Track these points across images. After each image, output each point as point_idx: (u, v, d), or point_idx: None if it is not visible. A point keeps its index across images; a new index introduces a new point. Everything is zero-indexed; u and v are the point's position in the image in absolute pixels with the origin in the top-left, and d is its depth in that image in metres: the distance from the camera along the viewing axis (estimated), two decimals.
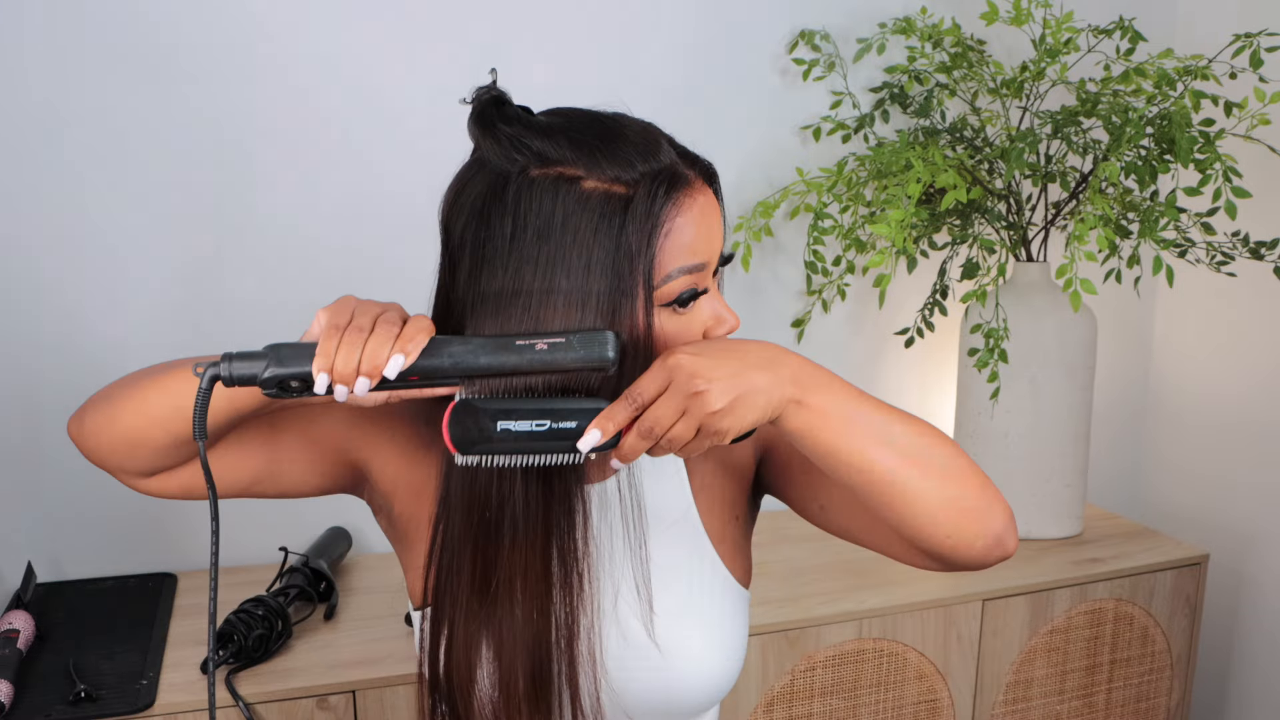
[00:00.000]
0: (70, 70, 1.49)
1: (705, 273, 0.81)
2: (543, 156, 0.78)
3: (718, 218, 0.83)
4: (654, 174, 0.78)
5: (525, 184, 0.77)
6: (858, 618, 1.52)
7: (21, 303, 1.53)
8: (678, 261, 0.79)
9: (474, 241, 0.79)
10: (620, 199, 0.77)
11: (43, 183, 1.51)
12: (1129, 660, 1.72)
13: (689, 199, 0.79)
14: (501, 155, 0.79)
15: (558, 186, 0.77)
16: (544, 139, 0.78)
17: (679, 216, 0.79)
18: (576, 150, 0.78)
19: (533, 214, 0.77)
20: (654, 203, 0.77)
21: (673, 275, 0.79)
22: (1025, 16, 1.68)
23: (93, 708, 1.23)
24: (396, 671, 1.32)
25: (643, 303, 0.78)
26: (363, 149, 1.62)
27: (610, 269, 0.76)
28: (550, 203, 0.77)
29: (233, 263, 1.60)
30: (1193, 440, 2.07)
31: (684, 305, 0.81)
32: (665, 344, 0.80)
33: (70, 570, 1.61)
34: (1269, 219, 1.75)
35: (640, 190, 0.77)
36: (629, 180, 0.77)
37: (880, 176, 1.63)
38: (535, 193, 0.77)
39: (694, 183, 0.80)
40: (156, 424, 0.83)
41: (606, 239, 0.76)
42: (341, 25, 1.58)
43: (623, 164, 0.78)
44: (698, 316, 0.82)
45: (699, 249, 0.80)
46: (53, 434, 1.57)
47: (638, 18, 1.72)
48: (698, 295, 0.81)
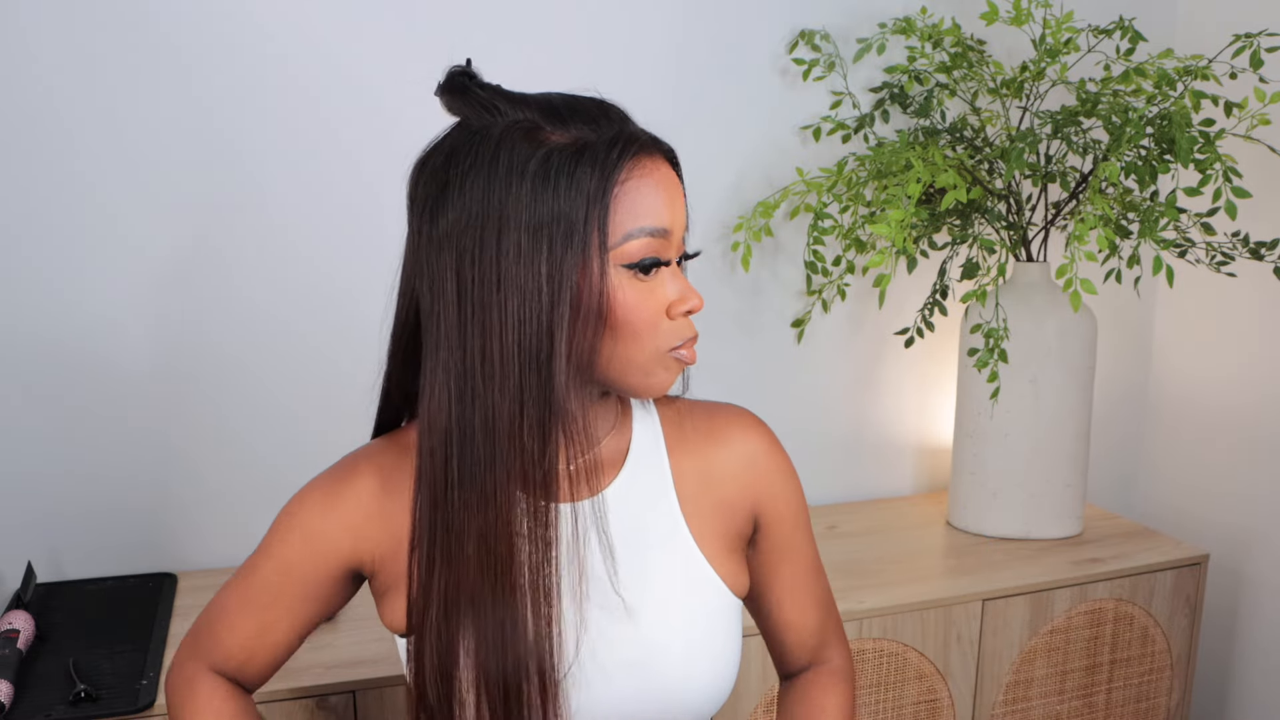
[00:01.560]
0: (71, 63, 1.49)
1: (667, 242, 0.83)
2: (510, 116, 0.81)
3: (680, 195, 0.85)
4: (616, 135, 0.81)
5: (487, 136, 0.80)
6: (858, 618, 1.52)
7: (21, 303, 1.53)
8: (638, 222, 0.81)
9: (436, 190, 0.81)
10: (580, 147, 0.80)
11: (42, 181, 1.51)
12: (1129, 660, 1.72)
13: (650, 163, 0.82)
14: (472, 115, 0.82)
15: (520, 137, 0.80)
16: (513, 103, 0.81)
17: (639, 177, 0.81)
18: (544, 113, 0.81)
19: (495, 160, 0.79)
20: (612, 155, 0.80)
21: (633, 234, 0.80)
22: (1025, 16, 1.68)
23: (93, 708, 1.23)
24: (396, 671, 1.32)
25: (596, 249, 0.79)
26: (361, 141, 1.62)
27: (564, 211, 0.78)
28: (509, 150, 0.79)
29: (233, 258, 1.60)
30: (1193, 440, 2.07)
31: (645, 272, 0.81)
32: (623, 307, 0.81)
33: (70, 570, 1.61)
34: (1269, 219, 1.75)
35: (601, 144, 0.80)
36: (591, 139, 0.80)
37: (880, 176, 1.63)
38: (500, 142, 0.80)
39: (655, 154, 0.83)
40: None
41: (564, 180, 0.78)
42: (342, 22, 1.58)
43: (588, 125, 0.81)
44: (661, 288, 0.83)
45: (660, 215, 0.82)
46: (52, 434, 1.57)
47: (637, 18, 1.72)
48: (660, 264, 0.82)
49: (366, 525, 0.91)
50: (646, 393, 0.87)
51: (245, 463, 1.65)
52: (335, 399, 1.64)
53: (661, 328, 0.84)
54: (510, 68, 1.67)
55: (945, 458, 2.04)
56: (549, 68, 1.66)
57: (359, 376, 1.64)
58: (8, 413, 1.55)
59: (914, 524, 1.87)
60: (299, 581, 0.92)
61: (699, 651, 0.91)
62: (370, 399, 1.64)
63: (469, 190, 0.79)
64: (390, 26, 1.61)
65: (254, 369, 1.63)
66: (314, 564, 0.91)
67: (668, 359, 0.85)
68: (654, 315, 0.83)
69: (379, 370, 0.94)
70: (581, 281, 0.79)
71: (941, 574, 1.66)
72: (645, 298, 0.82)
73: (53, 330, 1.55)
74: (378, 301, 1.64)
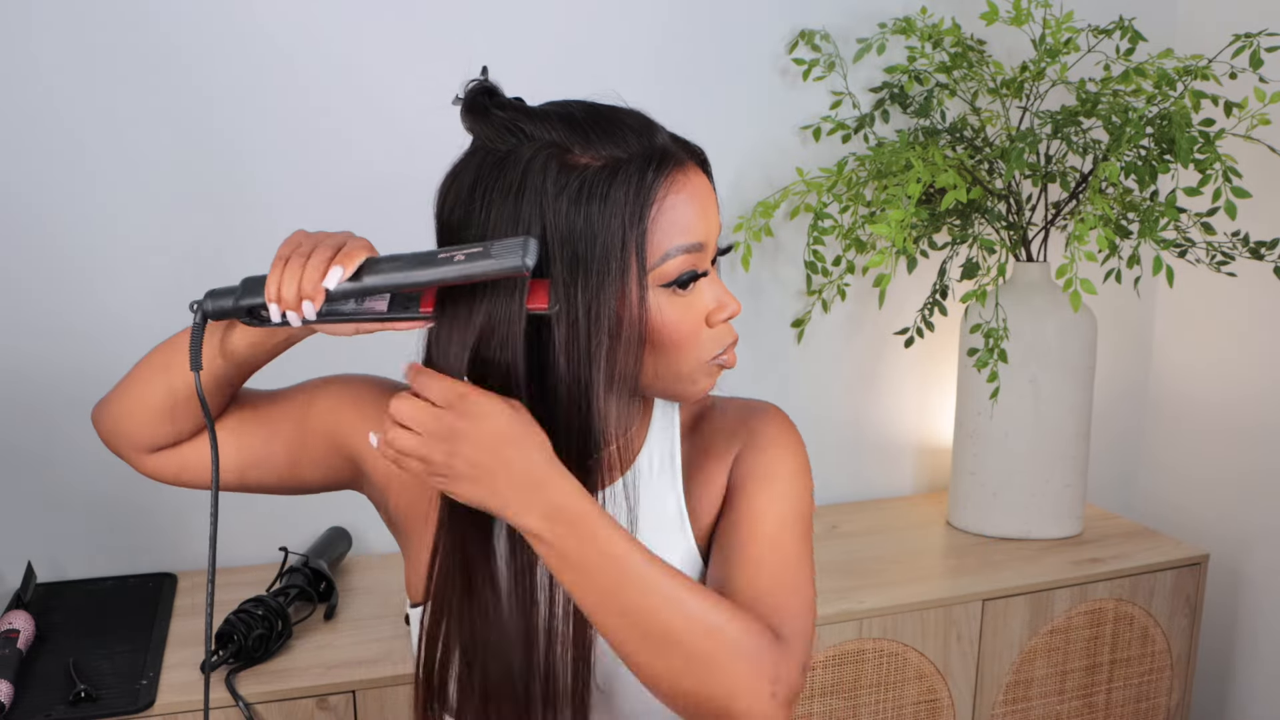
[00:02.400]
0: (71, 63, 1.49)
1: (704, 254, 0.81)
2: (535, 137, 0.78)
3: (713, 202, 0.83)
4: (647, 151, 0.79)
5: (516, 160, 0.78)
6: (858, 618, 1.52)
7: (20, 304, 1.53)
8: (675, 240, 0.79)
9: (462, 215, 0.79)
10: (613, 168, 0.77)
11: (41, 183, 1.51)
12: (1129, 660, 1.72)
13: (683, 177, 0.80)
14: (495, 137, 0.79)
15: (547, 161, 0.77)
16: (537, 121, 0.79)
17: (675, 194, 0.79)
18: (570, 130, 0.78)
19: (522, 188, 0.77)
20: (646, 176, 0.78)
21: (670, 254, 0.79)
22: (1025, 16, 1.68)
23: (93, 708, 1.23)
24: (396, 671, 1.32)
25: (635, 277, 0.77)
26: (363, 139, 1.62)
27: (599, 238, 0.76)
28: (539, 177, 0.77)
29: (233, 261, 1.60)
30: (1192, 440, 2.07)
31: (684, 287, 0.80)
32: (664, 327, 0.80)
33: (70, 570, 1.61)
34: (1269, 219, 1.75)
35: (634, 164, 0.78)
36: (622, 157, 0.78)
37: (880, 176, 1.63)
38: (527, 168, 0.77)
39: (687, 164, 0.81)
40: (152, 382, 0.87)
41: (597, 205, 0.76)
42: (344, 21, 1.58)
43: (617, 142, 0.78)
44: (699, 300, 0.82)
45: (696, 229, 0.80)
46: (53, 434, 1.57)
47: (637, 18, 1.72)
48: (698, 277, 0.81)
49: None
50: (690, 399, 0.87)
51: None
52: None
53: (703, 337, 0.83)
54: (509, 68, 1.67)
55: (945, 458, 2.04)
56: (548, 68, 1.66)
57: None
58: (8, 413, 1.55)
59: (914, 524, 1.87)
60: (320, 428, 0.90)
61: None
62: None
63: (495, 219, 0.77)
64: (392, 26, 1.61)
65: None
66: (335, 419, 0.90)
67: (710, 366, 0.85)
68: (694, 327, 0.82)
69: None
70: (621, 310, 0.78)
71: (941, 574, 1.66)
72: (685, 312, 0.81)
73: (53, 331, 1.55)
74: None
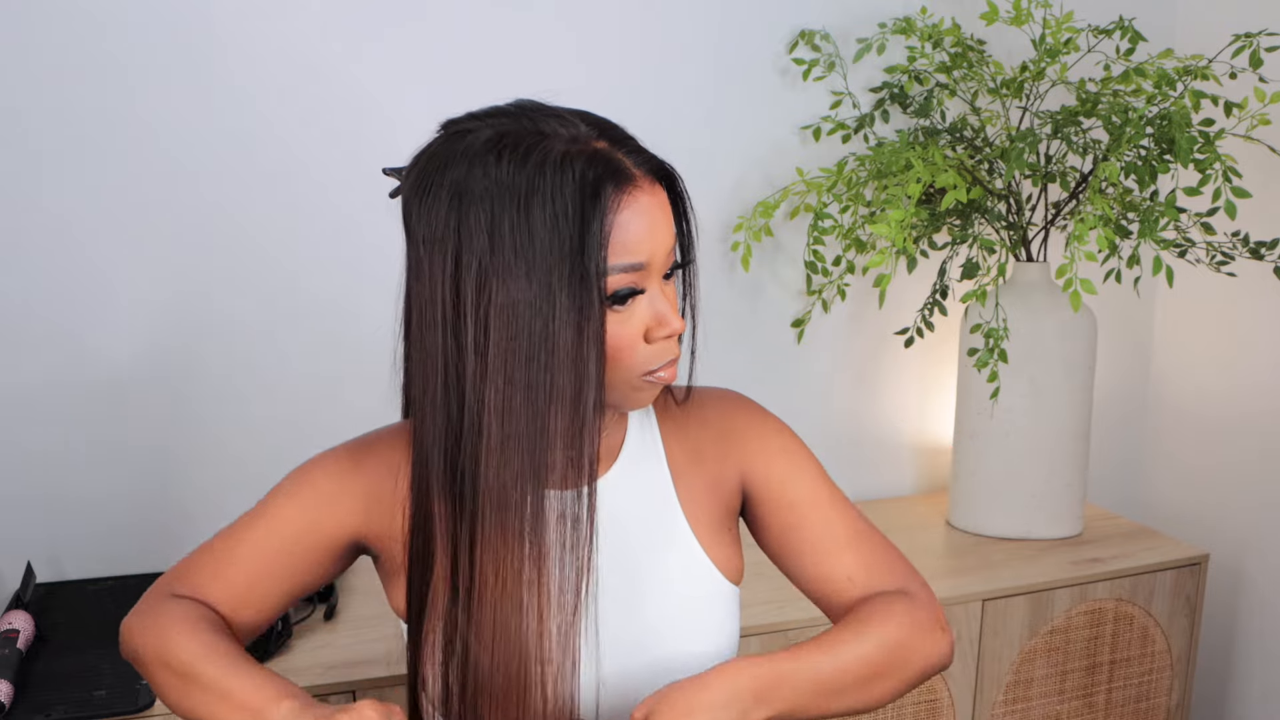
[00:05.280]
0: (44, 82, 1.49)
1: (646, 272, 0.81)
2: (491, 129, 0.80)
3: (662, 218, 0.82)
4: (599, 169, 0.78)
5: (467, 149, 0.80)
6: None
7: (19, 304, 1.53)
8: (615, 258, 0.79)
9: (418, 193, 0.81)
10: (560, 178, 0.77)
11: (36, 185, 1.52)
12: (1129, 660, 1.72)
13: (632, 194, 0.79)
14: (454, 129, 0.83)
15: (501, 154, 0.78)
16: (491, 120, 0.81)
17: (618, 210, 0.78)
18: (517, 132, 0.80)
19: (470, 175, 0.79)
20: (599, 190, 0.78)
21: (610, 270, 0.79)
22: (1025, 16, 1.68)
23: (93, 708, 1.23)
24: (396, 671, 1.33)
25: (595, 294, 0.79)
26: (358, 165, 1.61)
27: (542, 246, 0.77)
28: (490, 164, 0.78)
29: (222, 276, 1.61)
30: (1193, 440, 2.07)
31: (620, 303, 0.81)
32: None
33: (70, 570, 1.61)
34: (1269, 219, 1.75)
35: (584, 176, 0.77)
36: (573, 171, 0.78)
37: (880, 176, 1.63)
38: (481, 155, 0.79)
39: (636, 181, 0.80)
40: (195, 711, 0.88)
41: (541, 212, 0.77)
42: (337, 41, 1.58)
43: (566, 151, 0.78)
44: (636, 316, 0.82)
45: (640, 248, 0.80)
46: (52, 434, 1.57)
47: (636, 18, 1.72)
48: (635, 294, 0.81)
49: (382, 501, 0.91)
50: (628, 409, 0.89)
51: (242, 465, 1.65)
52: (325, 405, 1.65)
53: (639, 352, 0.83)
54: (509, 67, 1.67)
55: (945, 458, 2.04)
56: (547, 69, 1.66)
57: (343, 383, 1.65)
58: (8, 414, 1.55)
59: (914, 524, 1.87)
60: (301, 542, 0.91)
61: (696, 637, 0.91)
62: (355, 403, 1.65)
63: (444, 202, 0.79)
64: (389, 45, 1.61)
65: (247, 377, 1.64)
66: (320, 527, 0.91)
67: (644, 381, 0.85)
68: (630, 341, 0.82)
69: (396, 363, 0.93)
70: (577, 323, 0.78)
71: (941, 574, 1.66)
72: (620, 327, 0.81)
73: (52, 331, 1.55)
74: (361, 309, 1.64)
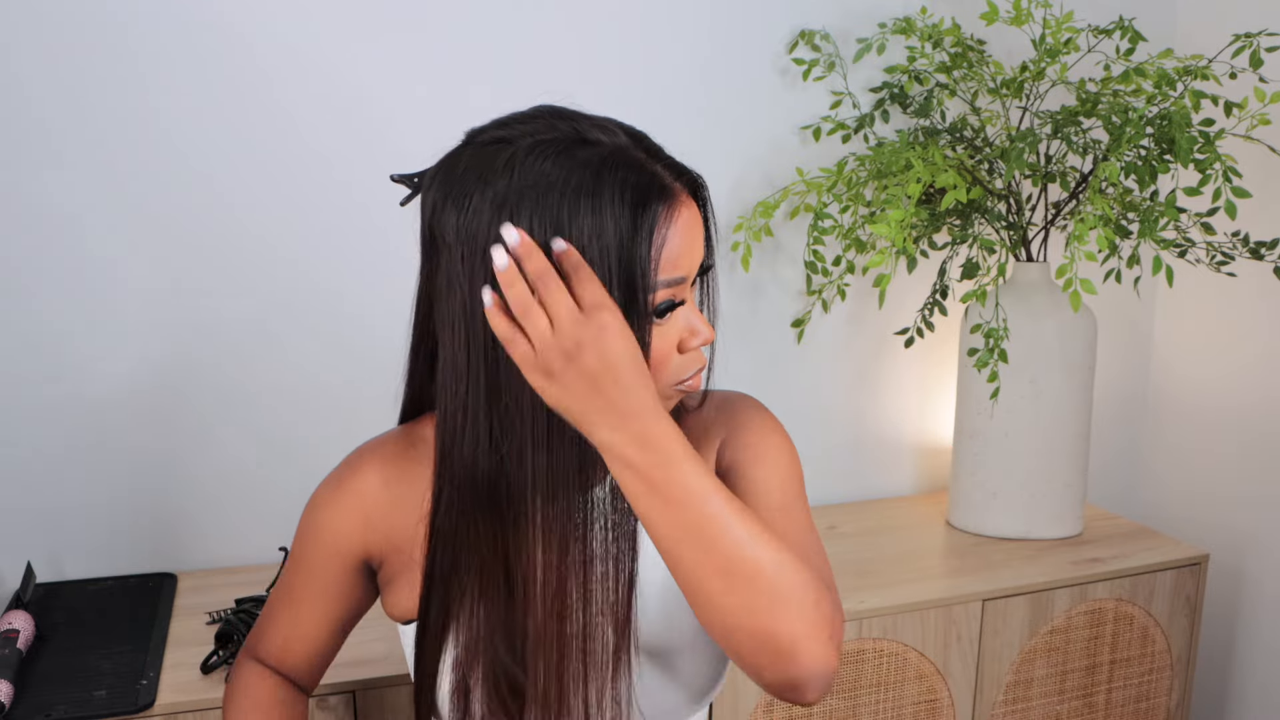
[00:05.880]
0: (47, 73, 1.49)
1: (684, 285, 0.82)
2: (531, 139, 0.79)
3: (699, 232, 0.83)
4: (644, 186, 0.78)
5: (508, 159, 0.78)
6: (858, 618, 1.52)
7: (19, 303, 1.53)
8: (658, 274, 0.79)
9: (440, 201, 0.81)
10: (602, 198, 0.77)
11: (32, 193, 1.52)
12: (1129, 660, 1.72)
13: (671, 211, 0.79)
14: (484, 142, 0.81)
15: (545, 154, 0.78)
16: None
17: (660, 227, 0.78)
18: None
19: (505, 186, 0.78)
20: (640, 212, 0.77)
21: (652, 287, 0.79)
22: (1025, 16, 1.68)
23: (93, 708, 1.23)
24: (396, 671, 1.32)
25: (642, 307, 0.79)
26: (351, 165, 1.61)
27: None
28: (532, 169, 0.77)
29: (223, 277, 1.60)
30: (1193, 440, 2.07)
31: (660, 316, 0.81)
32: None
33: (70, 570, 1.61)
34: (1269, 219, 1.75)
35: (628, 196, 0.77)
36: (619, 191, 0.77)
37: (880, 176, 1.63)
38: (519, 161, 0.78)
39: (678, 195, 0.80)
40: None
41: (585, 220, 0.77)
42: (331, 43, 1.58)
43: (612, 172, 0.78)
44: (673, 328, 0.82)
45: (680, 263, 0.80)
46: (52, 434, 1.57)
47: (636, 18, 1.72)
48: (674, 307, 0.82)
49: (372, 517, 0.94)
50: None
51: (242, 465, 1.65)
52: (323, 405, 1.65)
53: (672, 363, 0.83)
54: (508, 67, 1.67)
55: (945, 458, 2.04)
56: (547, 68, 1.66)
57: (342, 384, 1.65)
58: (8, 415, 1.55)
59: (914, 524, 1.87)
60: (319, 577, 0.98)
61: (696, 633, 0.91)
62: (354, 404, 1.65)
63: (487, 213, 0.78)
64: (385, 46, 1.61)
65: (247, 376, 1.63)
66: (328, 559, 0.97)
67: (673, 390, 0.85)
68: (666, 354, 0.82)
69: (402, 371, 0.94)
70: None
71: (941, 574, 1.66)
72: (658, 340, 0.81)
73: (51, 330, 1.55)
74: (362, 310, 1.65)
